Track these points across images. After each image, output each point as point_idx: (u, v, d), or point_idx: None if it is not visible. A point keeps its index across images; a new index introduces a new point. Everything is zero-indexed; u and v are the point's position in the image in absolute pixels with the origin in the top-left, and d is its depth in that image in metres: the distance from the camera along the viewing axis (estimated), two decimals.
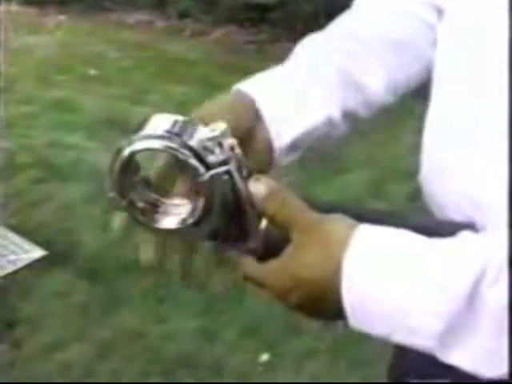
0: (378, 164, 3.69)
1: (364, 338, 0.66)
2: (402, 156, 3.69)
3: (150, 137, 0.65)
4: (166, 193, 0.72)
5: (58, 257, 2.77)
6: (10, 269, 2.29)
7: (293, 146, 0.80)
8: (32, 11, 6.52)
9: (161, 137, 0.65)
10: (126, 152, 0.66)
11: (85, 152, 3.74)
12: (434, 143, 0.81)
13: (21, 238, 2.76)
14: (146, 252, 0.74)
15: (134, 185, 0.69)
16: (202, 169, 0.64)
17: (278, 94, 0.80)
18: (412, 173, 3.27)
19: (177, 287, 2.68)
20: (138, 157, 0.67)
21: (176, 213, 0.69)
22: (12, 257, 2.51)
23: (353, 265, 0.62)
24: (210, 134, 0.65)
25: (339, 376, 2.29)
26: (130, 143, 0.66)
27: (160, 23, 6.20)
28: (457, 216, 0.74)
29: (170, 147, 0.64)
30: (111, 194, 0.68)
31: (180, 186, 0.72)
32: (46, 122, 4.16)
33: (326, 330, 2.38)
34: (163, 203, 0.71)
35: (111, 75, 4.93)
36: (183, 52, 5.42)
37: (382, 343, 0.65)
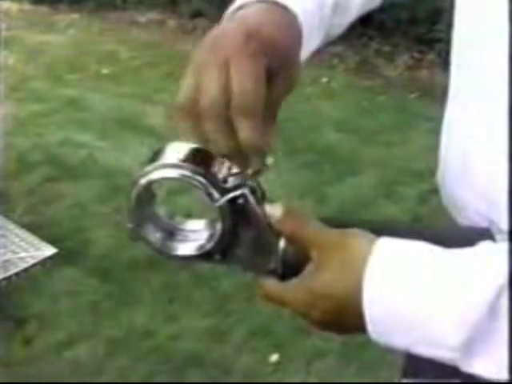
0: (389, 165, 3.69)
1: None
2: (413, 157, 3.69)
3: (164, 166, 0.66)
4: (183, 220, 0.73)
5: (69, 255, 2.77)
6: (21, 266, 2.29)
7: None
8: (44, 10, 6.55)
9: (175, 165, 0.65)
10: (142, 182, 0.67)
11: (96, 150, 3.75)
12: (452, 140, 0.81)
13: (32, 236, 2.77)
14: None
15: (151, 214, 0.71)
16: (216, 194, 0.65)
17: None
18: (423, 174, 3.26)
19: (187, 287, 2.69)
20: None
21: (193, 239, 0.71)
22: (23, 254, 2.51)
23: (373, 279, 0.62)
24: (222, 159, 0.66)
25: (349, 377, 2.28)
26: (145, 174, 0.67)
27: (172, 22, 6.21)
28: (472, 214, 0.74)
29: (185, 175, 0.65)
30: (129, 225, 0.69)
31: None
32: (57, 120, 4.17)
33: None
34: (180, 230, 0.72)
35: (123, 74, 4.95)
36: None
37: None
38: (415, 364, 0.88)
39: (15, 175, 3.42)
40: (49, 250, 2.62)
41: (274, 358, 2.36)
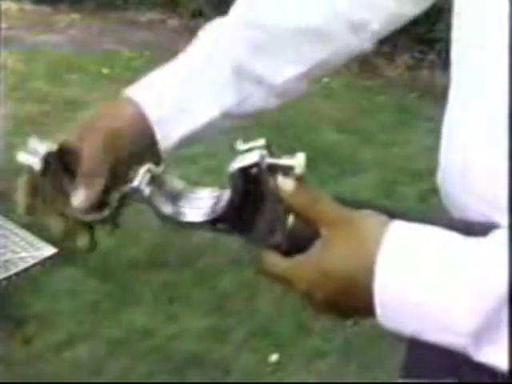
0: (389, 165, 3.68)
1: (373, 338, 0.65)
2: (413, 157, 3.68)
3: None
4: (190, 186, 0.71)
5: (68, 255, 2.77)
6: (21, 266, 2.29)
7: (181, 143, 0.82)
8: (45, 10, 6.54)
9: None
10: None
11: None
12: (452, 141, 0.80)
13: (32, 236, 2.77)
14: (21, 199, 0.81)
15: (157, 178, 0.69)
16: (230, 162, 0.64)
17: (163, 98, 0.82)
18: (423, 173, 3.25)
19: (187, 286, 2.69)
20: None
21: (200, 206, 0.69)
22: (23, 254, 2.51)
23: (386, 262, 0.61)
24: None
25: (348, 376, 2.28)
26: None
27: (172, 22, 6.21)
28: (476, 218, 0.74)
29: None
30: (133, 184, 0.68)
31: None
32: (57, 120, 4.17)
33: (336, 330, 2.38)
34: (187, 197, 0.70)
35: (123, 74, 4.94)
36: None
37: (392, 344, 0.65)
38: (415, 364, 0.88)
39: (15, 175, 3.41)
40: (49, 250, 2.62)
41: (274, 357, 2.36)
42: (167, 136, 0.80)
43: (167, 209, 0.69)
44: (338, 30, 0.87)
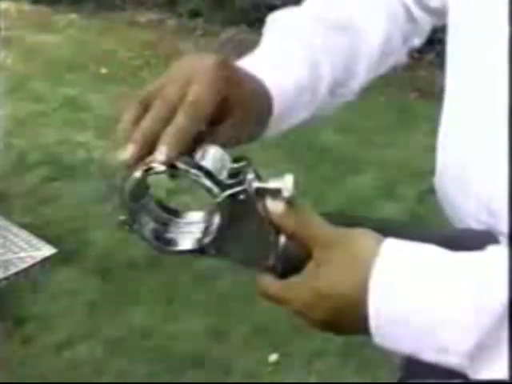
0: (388, 165, 3.68)
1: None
2: (412, 157, 3.68)
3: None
4: (178, 212, 0.70)
5: (67, 255, 2.77)
6: (21, 266, 2.30)
7: (292, 125, 0.80)
8: (43, 10, 6.54)
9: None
10: (136, 174, 0.64)
11: (95, 150, 3.75)
12: (449, 145, 0.79)
13: (32, 236, 2.77)
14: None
15: (145, 206, 0.68)
16: (216, 189, 0.63)
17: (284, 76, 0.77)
18: (423, 174, 3.24)
19: (187, 286, 2.68)
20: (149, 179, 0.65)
21: (189, 231, 0.68)
22: (22, 254, 2.51)
23: (380, 282, 0.61)
24: (221, 153, 0.64)
25: (348, 377, 2.28)
26: (140, 167, 0.64)
27: (171, 22, 6.20)
28: (472, 221, 0.73)
29: (181, 168, 0.62)
30: (122, 217, 0.67)
31: None
32: (56, 120, 4.17)
33: None
34: (176, 223, 0.69)
35: (122, 74, 4.94)
36: (194, 51, 5.43)
37: None
38: (415, 364, 0.88)
39: (15, 175, 3.42)
40: (48, 250, 2.62)
41: (274, 357, 2.36)
42: (287, 114, 0.76)
43: (156, 236, 0.68)
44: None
